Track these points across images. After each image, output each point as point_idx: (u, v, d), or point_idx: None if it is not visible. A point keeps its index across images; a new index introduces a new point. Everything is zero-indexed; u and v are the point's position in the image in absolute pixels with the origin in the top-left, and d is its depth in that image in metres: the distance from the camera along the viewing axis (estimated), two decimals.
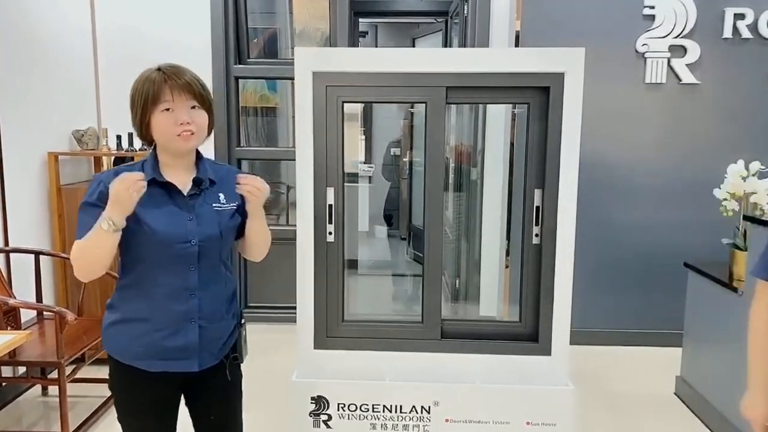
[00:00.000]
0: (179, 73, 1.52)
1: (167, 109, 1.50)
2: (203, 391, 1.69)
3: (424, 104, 2.11)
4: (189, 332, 1.57)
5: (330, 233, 2.17)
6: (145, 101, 1.51)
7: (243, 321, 1.74)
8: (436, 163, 2.15)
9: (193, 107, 1.53)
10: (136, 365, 1.58)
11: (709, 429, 2.81)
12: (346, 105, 2.11)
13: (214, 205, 1.58)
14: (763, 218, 2.49)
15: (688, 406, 3.03)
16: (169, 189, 1.56)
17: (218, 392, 1.70)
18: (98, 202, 1.51)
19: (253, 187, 1.57)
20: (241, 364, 1.74)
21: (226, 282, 1.65)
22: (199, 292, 1.57)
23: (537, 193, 2.15)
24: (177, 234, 1.52)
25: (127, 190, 1.41)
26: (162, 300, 1.55)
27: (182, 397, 1.72)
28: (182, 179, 1.58)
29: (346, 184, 2.21)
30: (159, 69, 1.53)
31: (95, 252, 1.48)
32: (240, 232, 1.68)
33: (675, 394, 3.17)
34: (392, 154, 7.22)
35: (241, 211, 1.65)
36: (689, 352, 3.10)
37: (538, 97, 2.09)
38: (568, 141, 2.07)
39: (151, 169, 1.55)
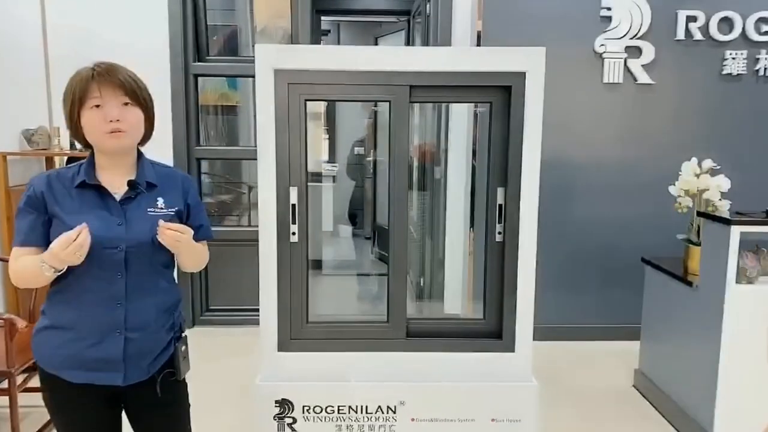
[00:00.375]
0: (111, 70, 1.48)
1: (97, 106, 1.46)
2: (141, 406, 1.63)
3: (387, 103, 2.10)
4: (113, 343, 1.51)
5: (293, 233, 2.14)
6: (73, 98, 1.46)
7: (184, 335, 1.67)
8: (401, 161, 2.15)
9: (125, 104, 1.48)
10: (60, 375, 1.52)
11: (666, 420, 2.89)
12: (309, 103, 2.08)
13: (149, 209, 1.52)
14: (715, 214, 2.58)
15: (646, 398, 3.11)
16: (101, 192, 1.51)
17: (157, 408, 1.63)
18: (29, 208, 1.49)
19: (171, 239, 1.49)
20: (180, 380, 1.66)
21: (160, 292, 1.58)
22: (126, 301, 1.51)
23: (500, 191, 2.17)
24: (103, 239, 1.46)
25: (72, 255, 1.39)
26: (88, 308, 1.50)
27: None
28: (119, 182, 1.53)
29: (309, 183, 2.18)
30: (92, 66, 1.49)
31: (35, 281, 1.50)
32: None
33: (633, 386, 3.25)
34: (356, 153, 7.21)
35: (183, 217, 1.60)
36: (647, 346, 3.19)
37: (500, 96, 2.11)
38: (530, 140, 2.09)
39: (84, 172, 1.51)
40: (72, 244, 1.37)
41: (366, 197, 6.81)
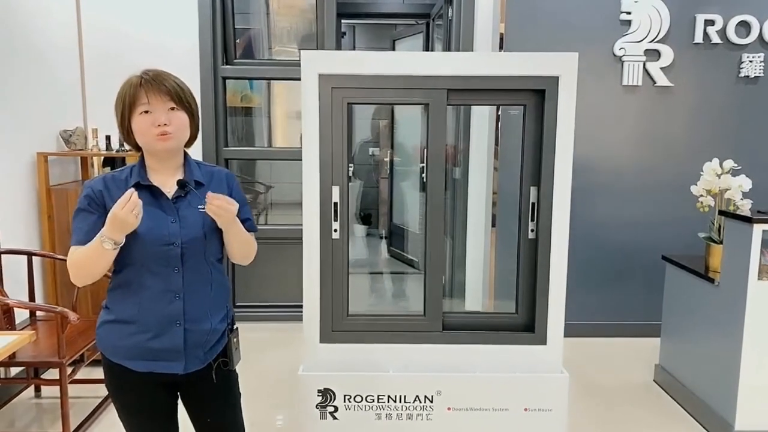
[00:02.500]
0: (158, 77, 1.56)
1: (146, 112, 1.55)
2: (196, 394, 1.72)
3: (425, 105, 2.20)
4: (174, 335, 1.60)
5: (335, 230, 2.24)
6: (124, 105, 1.56)
7: (235, 327, 1.76)
8: (438, 162, 2.24)
9: (172, 109, 1.56)
10: (124, 364, 1.61)
11: (688, 412, 2.97)
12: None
13: (199, 206, 1.60)
14: (737, 213, 2.66)
15: (666, 392, 3.20)
16: (154, 192, 1.60)
17: (212, 395, 1.72)
18: (89, 208, 1.57)
19: (218, 208, 1.56)
20: (233, 369, 1.74)
21: (214, 284, 1.66)
22: (184, 294, 1.59)
23: (533, 190, 2.26)
24: (159, 236, 1.55)
25: (129, 214, 1.45)
26: (148, 302, 1.58)
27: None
28: (170, 182, 1.62)
29: None
30: (140, 74, 1.57)
31: (95, 265, 1.54)
32: None
33: (654, 381, 3.34)
34: (371, 153, 7.31)
35: None
36: (667, 341, 3.27)
37: (534, 99, 2.20)
38: (563, 140, 2.19)
39: (137, 174, 1.60)
40: (129, 203, 1.45)
41: (381, 197, 6.91)
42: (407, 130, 5.76)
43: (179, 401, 1.76)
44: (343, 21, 6.12)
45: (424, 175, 4.89)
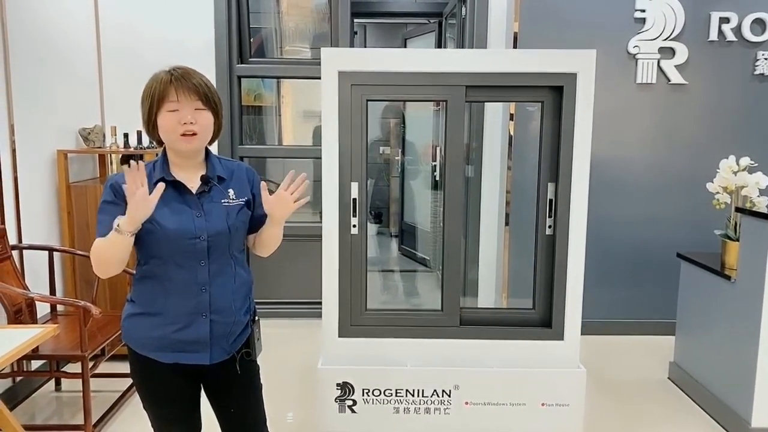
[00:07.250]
0: (187, 75, 1.57)
1: (174, 110, 1.56)
2: (220, 384, 1.75)
3: (444, 102, 2.22)
4: (200, 326, 1.62)
5: (354, 226, 2.26)
6: (152, 100, 1.57)
7: (257, 318, 1.79)
8: (457, 158, 2.26)
9: (198, 108, 1.57)
10: (150, 356, 1.64)
11: (703, 409, 2.97)
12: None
13: (222, 201, 1.63)
14: (754, 210, 2.66)
15: (681, 389, 3.20)
16: (179, 187, 1.61)
17: (235, 386, 1.75)
18: (115, 200, 1.58)
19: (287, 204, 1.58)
20: (255, 360, 1.77)
21: (238, 277, 1.68)
22: (209, 286, 1.62)
23: (550, 186, 2.28)
24: (186, 231, 1.57)
25: (140, 188, 1.44)
26: (174, 294, 1.61)
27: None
28: (192, 178, 1.64)
29: None
30: (169, 70, 1.59)
31: (108, 252, 1.54)
32: (251, 227, 1.72)
33: (669, 378, 3.34)
34: (381, 152, 7.35)
35: (251, 206, 1.70)
36: (682, 338, 3.27)
37: (552, 95, 2.22)
38: (581, 137, 2.20)
39: (160, 169, 1.62)
40: (138, 174, 1.43)
41: (392, 196, 6.93)
42: (417, 129, 5.77)
43: (202, 391, 1.79)
44: (354, 20, 6.14)
45: (436, 173, 4.91)
